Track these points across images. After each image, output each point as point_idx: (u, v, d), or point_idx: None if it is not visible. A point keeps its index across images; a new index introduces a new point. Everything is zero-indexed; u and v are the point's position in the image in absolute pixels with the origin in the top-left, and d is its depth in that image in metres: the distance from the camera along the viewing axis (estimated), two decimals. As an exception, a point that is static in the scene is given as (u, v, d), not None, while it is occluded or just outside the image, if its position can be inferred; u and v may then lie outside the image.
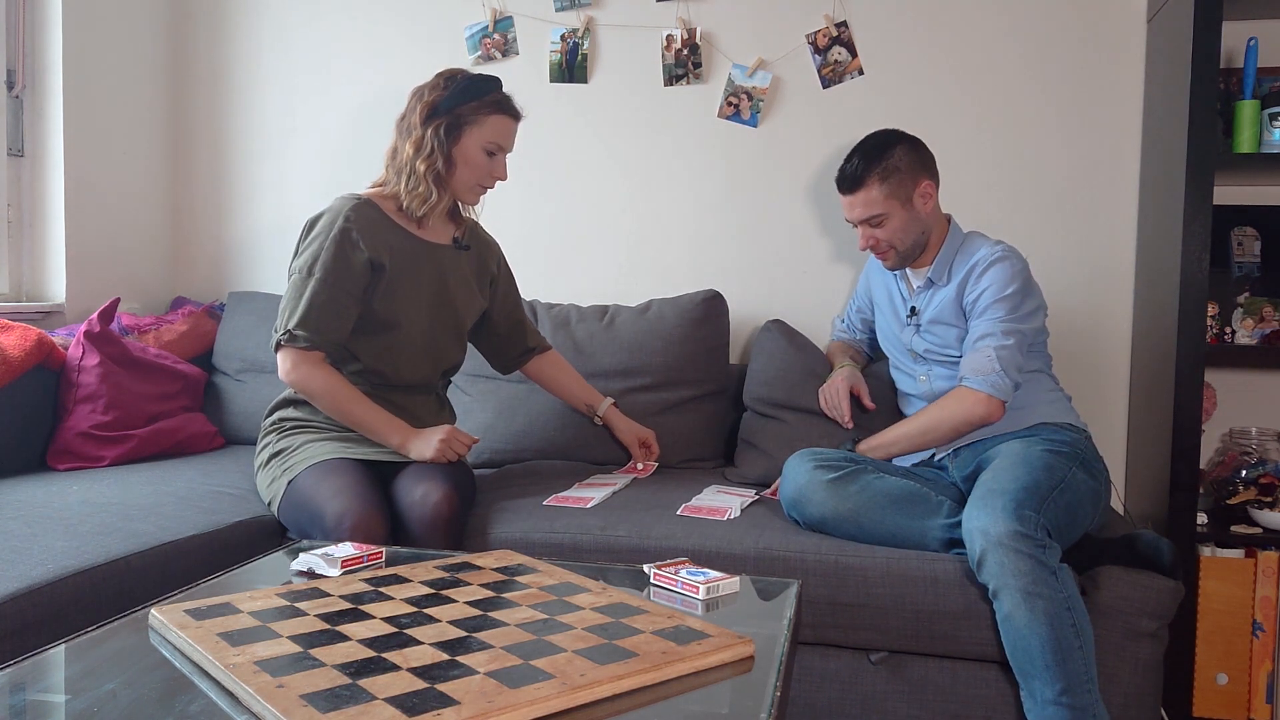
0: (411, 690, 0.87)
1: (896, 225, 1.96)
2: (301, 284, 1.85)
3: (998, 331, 1.85)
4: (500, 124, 1.93)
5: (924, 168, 1.98)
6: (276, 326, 1.86)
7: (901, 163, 1.95)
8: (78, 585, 1.43)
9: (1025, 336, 1.87)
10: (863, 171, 1.95)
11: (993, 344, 1.84)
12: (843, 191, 1.99)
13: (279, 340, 1.85)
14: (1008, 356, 1.84)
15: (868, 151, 1.96)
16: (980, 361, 1.84)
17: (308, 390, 1.86)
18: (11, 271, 2.50)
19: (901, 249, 1.98)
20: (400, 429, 1.88)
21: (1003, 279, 1.88)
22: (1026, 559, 1.54)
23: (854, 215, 1.99)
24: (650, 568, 1.31)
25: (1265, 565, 2.05)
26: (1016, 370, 1.85)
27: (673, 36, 2.56)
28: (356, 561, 1.30)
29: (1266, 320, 2.17)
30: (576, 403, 2.22)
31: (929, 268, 2.00)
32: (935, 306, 1.98)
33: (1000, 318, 1.86)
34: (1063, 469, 1.73)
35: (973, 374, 1.85)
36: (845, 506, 1.75)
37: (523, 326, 2.20)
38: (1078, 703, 1.52)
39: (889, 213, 1.95)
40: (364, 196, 1.92)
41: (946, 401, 1.89)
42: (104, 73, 2.62)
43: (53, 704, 0.90)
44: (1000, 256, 1.90)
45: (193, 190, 2.90)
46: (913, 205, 1.95)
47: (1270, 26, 2.26)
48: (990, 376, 1.82)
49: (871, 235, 1.99)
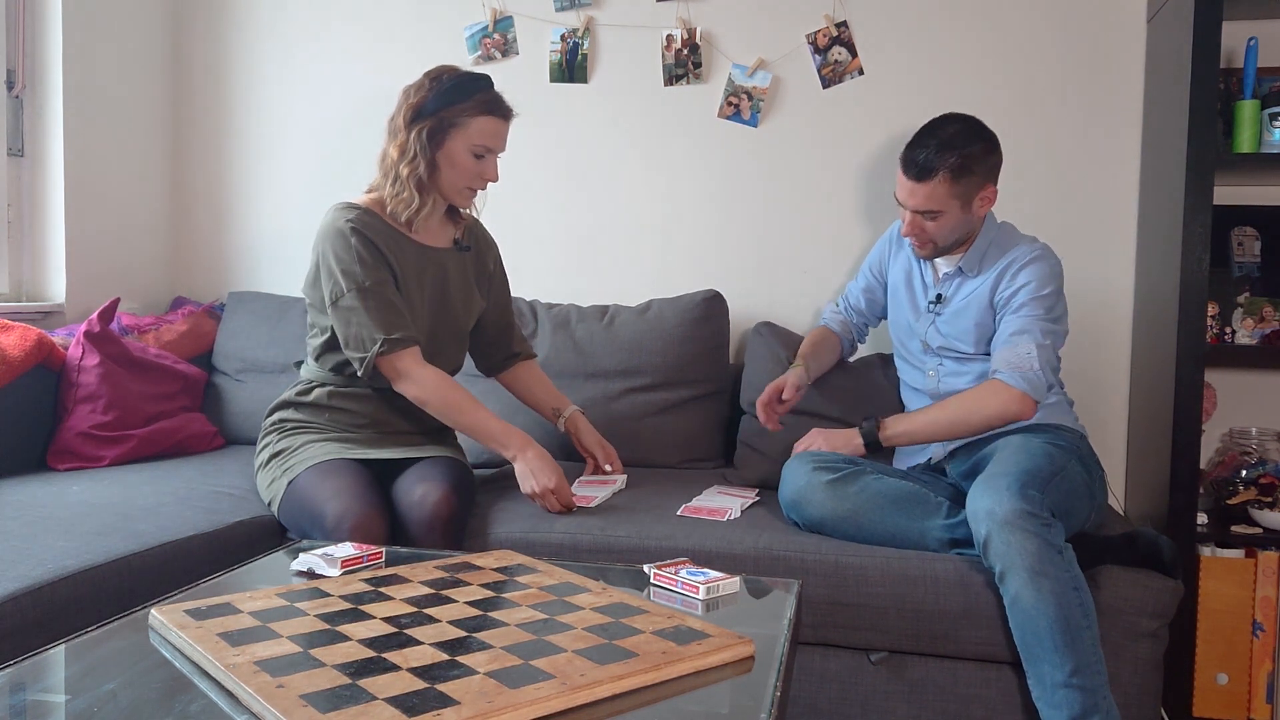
0: (411, 690, 0.87)
1: (949, 223, 1.87)
2: (356, 301, 1.80)
3: (1036, 330, 1.80)
4: (488, 125, 1.85)
5: (994, 172, 1.89)
6: (364, 349, 1.80)
7: (978, 164, 1.84)
8: (78, 585, 1.43)
9: (1059, 339, 1.85)
10: (937, 163, 1.81)
11: (1032, 341, 1.79)
12: (909, 176, 1.85)
13: (378, 354, 1.79)
14: (1046, 357, 1.80)
15: (947, 141, 1.82)
16: (1019, 358, 1.79)
17: (423, 395, 1.82)
18: (11, 271, 2.50)
19: (943, 244, 1.91)
20: (520, 439, 1.85)
21: (1041, 277, 1.84)
22: (1033, 538, 1.53)
23: (912, 203, 1.86)
24: (650, 568, 1.31)
25: (1265, 565, 2.05)
26: (1053, 371, 1.83)
27: (673, 36, 2.56)
28: (356, 561, 1.30)
29: (1266, 320, 2.17)
30: (543, 408, 2.13)
31: (960, 256, 1.94)
32: (963, 297, 1.93)
33: (1039, 316, 1.82)
34: (1062, 459, 1.73)
35: (1009, 369, 1.79)
36: (844, 507, 1.75)
37: (510, 331, 2.15)
38: (1088, 684, 1.51)
39: (947, 210, 1.85)
40: (360, 205, 1.88)
41: (981, 393, 1.82)
42: (104, 73, 2.62)
43: (53, 704, 0.90)
44: (1039, 255, 1.87)
45: (193, 190, 2.90)
46: (971, 208, 1.87)
47: (1270, 26, 2.26)
48: (1029, 374, 1.77)
49: (920, 225, 1.88)
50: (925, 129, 1.87)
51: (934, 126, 1.87)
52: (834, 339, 2.22)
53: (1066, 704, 1.51)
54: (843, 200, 2.53)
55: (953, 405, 1.85)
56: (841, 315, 2.25)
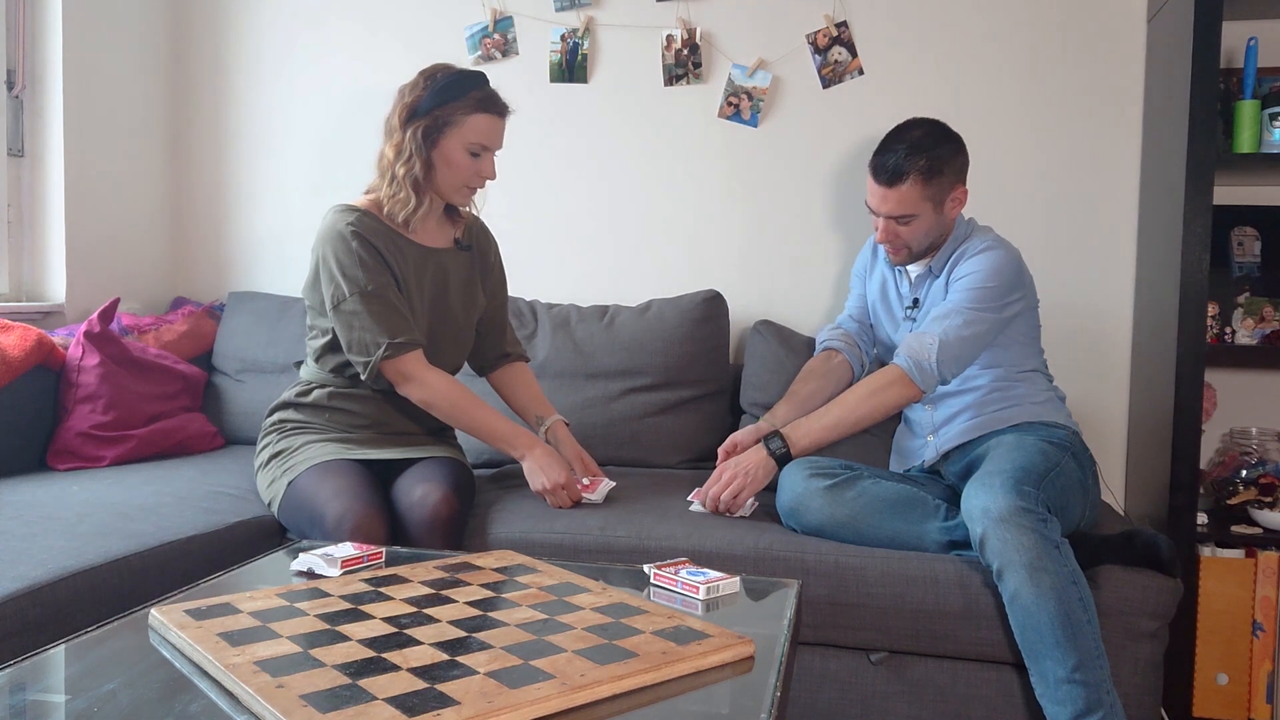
0: (411, 690, 0.87)
1: (922, 227, 1.87)
2: (358, 305, 1.79)
3: (960, 321, 1.81)
4: (483, 123, 1.84)
5: (963, 172, 1.89)
6: (367, 353, 1.80)
7: (947, 165, 1.84)
8: (78, 585, 1.43)
9: (995, 329, 1.84)
10: (907, 166, 1.81)
11: (939, 332, 1.81)
12: (879, 182, 1.85)
13: (382, 358, 1.79)
14: (956, 351, 1.81)
15: (915, 144, 1.82)
16: (922, 347, 1.81)
17: (429, 398, 1.83)
18: (11, 271, 2.50)
19: (916, 249, 1.92)
20: (528, 439, 1.87)
21: (987, 269, 1.84)
22: (1029, 533, 1.53)
23: (884, 208, 1.86)
24: (650, 568, 1.31)
25: (1265, 565, 2.05)
26: (958, 364, 1.83)
27: (673, 36, 2.56)
28: (356, 562, 1.30)
29: (1266, 320, 2.17)
30: (526, 414, 2.08)
31: (931, 259, 1.96)
32: (931, 298, 1.95)
33: (970, 305, 1.82)
34: (1056, 455, 1.73)
35: (907, 355, 1.82)
36: (843, 513, 1.74)
37: (505, 331, 2.14)
38: (1091, 679, 1.50)
39: (920, 214, 1.85)
40: (359, 207, 1.87)
41: (877, 385, 1.84)
42: (104, 73, 2.62)
43: (53, 704, 0.90)
44: (990, 246, 1.87)
45: (193, 190, 2.90)
46: (943, 210, 1.88)
47: (1270, 26, 2.26)
48: (923, 364, 1.80)
49: (894, 231, 1.88)
50: (892, 134, 1.88)
51: (900, 131, 1.87)
52: (833, 361, 2.10)
53: (1070, 700, 1.50)
54: (843, 200, 2.53)
55: (851, 401, 1.85)
56: (842, 330, 2.16)
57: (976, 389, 1.91)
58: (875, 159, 1.87)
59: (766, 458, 1.85)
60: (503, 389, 2.13)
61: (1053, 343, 2.26)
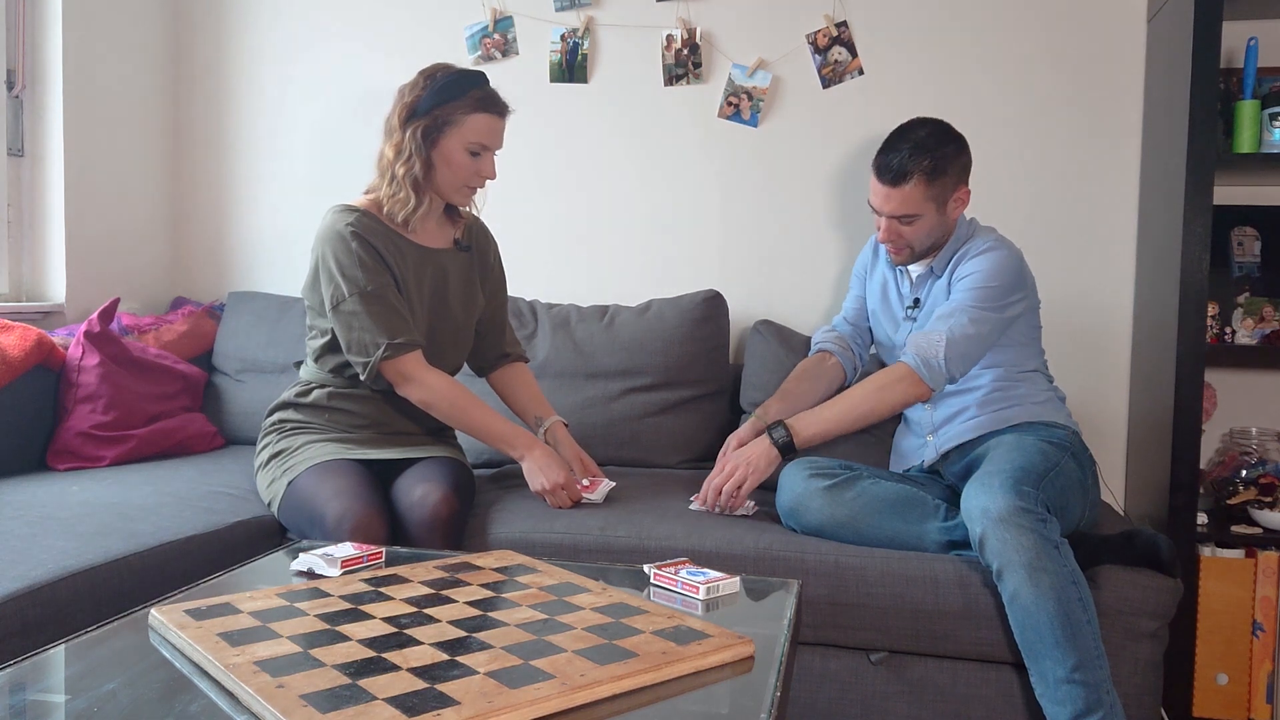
0: (411, 690, 0.87)
1: (925, 227, 1.87)
2: (358, 305, 1.79)
3: (964, 317, 1.81)
4: (483, 123, 1.84)
5: (966, 173, 1.88)
6: (367, 354, 1.79)
7: (950, 165, 1.84)
8: (78, 585, 1.43)
9: (998, 326, 1.84)
10: (911, 166, 1.81)
11: (945, 330, 1.81)
12: (883, 182, 1.84)
13: (381, 358, 1.79)
14: (963, 349, 1.81)
15: (919, 144, 1.82)
16: (929, 344, 1.81)
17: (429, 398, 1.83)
18: (11, 271, 2.50)
19: (919, 250, 1.92)
20: (527, 439, 1.87)
21: (989, 269, 1.84)
22: (1029, 534, 1.53)
23: (887, 208, 1.85)
24: (650, 568, 1.31)
25: (1265, 565, 2.05)
26: (965, 362, 1.83)
27: (673, 36, 2.56)
28: (356, 562, 1.30)
29: (1266, 320, 2.17)
30: (525, 415, 2.08)
31: (933, 259, 1.95)
32: (933, 298, 1.95)
33: (973, 304, 1.82)
34: (1055, 455, 1.73)
35: (915, 353, 1.82)
36: (842, 513, 1.74)
37: (504, 331, 2.13)
38: (1090, 679, 1.50)
39: (923, 214, 1.84)
40: (359, 207, 1.87)
41: (886, 380, 1.84)
42: (104, 73, 2.62)
43: (53, 704, 0.90)
44: (992, 246, 1.87)
45: (193, 190, 2.90)
46: (946, 210, 1.87)
47: (1270, 26, 2.26)
48: (931, 362, 1.80)
49: (896, 230, 1.87)
50: (895, 134, 1.88)
51: (904, 131, 1.87)
52: (826, 363, 2.10)
53: (1070, 700, 1.50)
54: (843, 200, 2.53)
55: (858, 396, 1.85)
56: (836, 333, 2.15)
57: (977, 389, 1.91)
58: (879, 158, 1.87)
59: (769, 447, 1.84)
60: (502, 389, 2.13)
61: (1053, 343, 2.27)
